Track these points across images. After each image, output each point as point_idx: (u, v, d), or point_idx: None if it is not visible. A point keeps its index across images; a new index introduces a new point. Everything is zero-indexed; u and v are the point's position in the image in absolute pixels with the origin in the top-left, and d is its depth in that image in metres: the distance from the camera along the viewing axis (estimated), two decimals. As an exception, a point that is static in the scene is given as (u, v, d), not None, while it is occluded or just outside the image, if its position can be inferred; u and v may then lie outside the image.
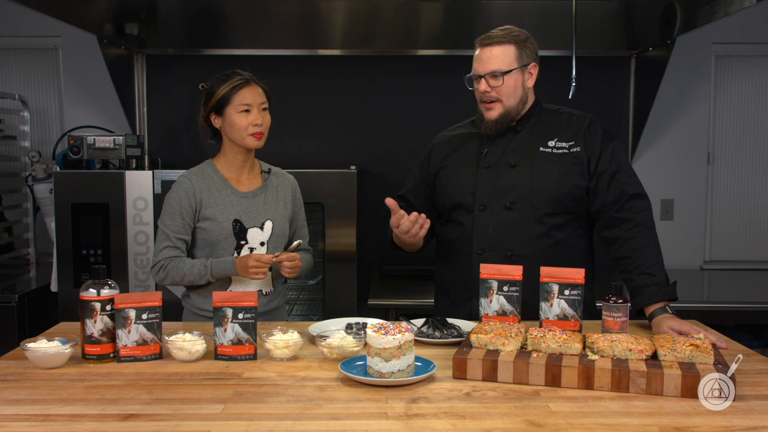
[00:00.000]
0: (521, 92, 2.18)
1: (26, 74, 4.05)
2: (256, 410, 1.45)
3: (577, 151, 2.17)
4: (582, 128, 2.20)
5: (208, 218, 2.19)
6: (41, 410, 1.45)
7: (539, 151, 2.18)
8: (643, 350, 1.63)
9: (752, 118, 4.07)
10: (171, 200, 2.21)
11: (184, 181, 2.22)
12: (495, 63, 2.14)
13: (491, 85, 2.15)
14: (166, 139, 3.93)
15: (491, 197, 2.18)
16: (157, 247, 2.20)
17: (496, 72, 2.14)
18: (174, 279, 2.18)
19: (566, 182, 2.15)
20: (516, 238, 2.15)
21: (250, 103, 2.16)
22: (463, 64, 2.32)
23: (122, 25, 3.47)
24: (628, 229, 2.11)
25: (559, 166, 2.16)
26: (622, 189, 2.14)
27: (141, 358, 1.80)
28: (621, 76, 3.95)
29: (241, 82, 2.16)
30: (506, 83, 2.14)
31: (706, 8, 3.06)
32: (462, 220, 2.23)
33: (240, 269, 2.13)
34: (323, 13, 3.34)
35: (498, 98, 2.16)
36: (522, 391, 1.56)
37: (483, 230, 2.18)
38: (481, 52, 2.17)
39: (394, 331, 1.60)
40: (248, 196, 2.24)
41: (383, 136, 3.90)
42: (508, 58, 2.14)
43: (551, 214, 2.15)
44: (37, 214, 3.88)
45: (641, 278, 2.03)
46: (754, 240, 4.12)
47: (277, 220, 2.25)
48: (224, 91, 2.15)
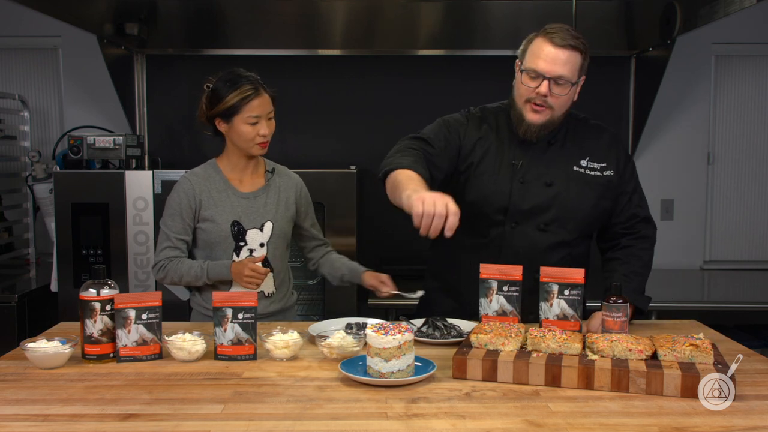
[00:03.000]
0: (569, 105, 2.06)
1: (26, 74, 4.05)
2: (255, 410, 1.45)
3: (610, 175, 2.11)
4: (611, 148, 2.15)
5: (207, 219, 2.19)
6: (41, 410, 1.45)
7: (573, 170, 2.09)
8: (643, 350, 1.63)
9: (752, 118, 4.07)
10: (172, 201, 2.22)
11: (184, 182, 2.22)
12: (565, 69, 1.96)
13: (554, 91, 1.98)
14: (166, 139, 3.93)
15: (525, 216, 2.07)
16: (159, 246, 2.21)
17: (563, 79, 1.97)
18: (173, 279, 2.19)
19: (600, 206, 2.11)
20: (544, 259, 2.05)
21: (259, 114, 2.14)
22: (463, 64, 2.31)
23: (122, 25, 3.47)
24: (629, 239, 2.14)
25: (594, 189, 2.10)
26: (635, 211, 2.15)
27: (141, 358, 1.80)
28: (621, 76, 3.95)
29: (251, 93, 2.13)
30: (567, 94, 1.99)
31: (706, 8, 3.06)
32: (487, 232, 2.10)
33: (235, 275, 2.13)
34: (323, 13, 3.34)
35: (552, 105, 2.00)
36: (522, 391, 1.56)
37: (513, 248, 2.08)
38: (550, 50, 1.96)
39: (394, 331, 1.60)
40: (249, 197, 2.24)
41: (383, 136, 3.86)
42: (575, 66, 1.98)
43: (578, 236, 2.13)
44: (37, 214, 3.88)
45: (619, 279, 2.02)
46: (754, 240, 4.12)
47: (277, 221, 2.25)
48: (234, 101, 2.13)
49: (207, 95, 2.19)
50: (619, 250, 2.15)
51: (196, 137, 3.90)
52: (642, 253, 2.13)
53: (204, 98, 2.21)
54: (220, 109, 2.15)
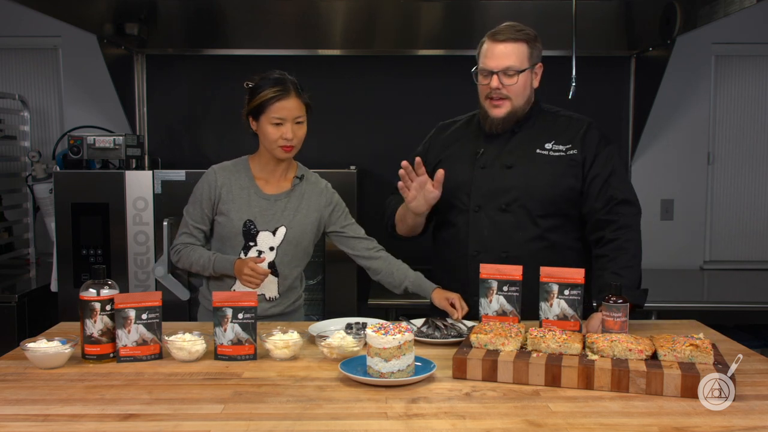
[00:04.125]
0: (529, 92, 2.18)
1: (26, 74, 4.05)
2: (255, 410, 1.45)
3: (573, 153, 2.16)
4: (580, 131, 2.19)
5: (223, 213, 2.21)
6: (41, 410, 1.45)
7: (536, 153, 2.18)
8: (643, 350, 1.63)
9: (752, 118, 4.07)
10: (196, 189, 2.28)
11: (210, 173, 2.26)
12: (509, 60, 2.11)
13: (504, 82, 2.12)
14: (166, 139, 3.93)
15: (486, 198, 2.17)
16: (179, 231, 2.28)
17: (510, 69, 2.11)
18: (184, 265, 2.26)
19: (560, 184, 2.15)
20: (510, 239, 2.15)
21: (283, 117, 2.13)
22: (463, 64, 2.31)
23: (122, 25, 3.46)
24: (612, 231, 2.11)
25: (555, 167, 2.15)
26: (612, 194, 2.13)
27: (141, 358, 1.80)
28: (621, 76, 3.95)
29: (279, 93, 2.12)
30: (519, 82, 2.13)
31: (706, 8, 3.06)
32: (456, 221, 2.22)
33: (236, 271, 2.14)
34: (323, 13, 3.34)
35: (508, 96, 2.14)
36: (522, 391, 1.56)
37: (478, 232, 2.17)
38: (493, 47, 2.13)
39: (394, 331, 1.60)
40: (270, 199, 2.24)
41: (383, 136, 3.90)
42: (522, 56, 2.12)
43: (545, 216, 2.15)
44: (37, 214, 3.87)
45: (610, 278, 2.01)
46: (754, 240, 4.12)
47: (292, 228, 2.23)
48: (261, 100, 2.13)
49: (248, 92, 2.20)
50: (604, 246, 2.12)
51: (196, 137, 3.90)
52: (628, 245, 2.10)
53: (246, 98, 2.21)
54: (252, 107, 2.17)
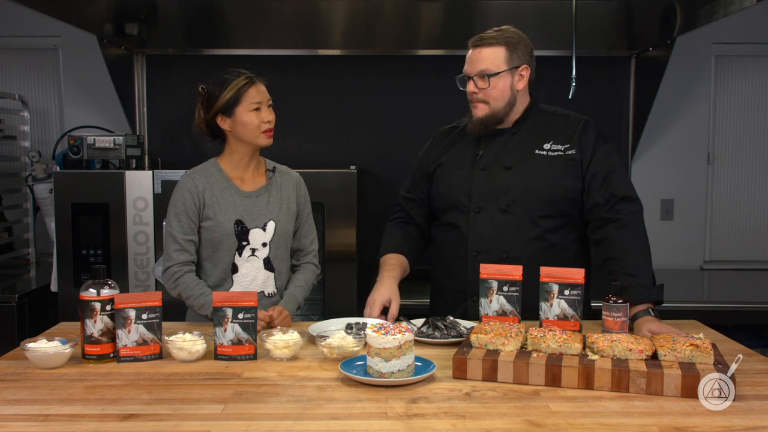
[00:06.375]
0: (509, 95, 2.18)
1: (26, 74, 4.05)
2: (256, 410, 1.45)
3: (572, 153, 2.16)
4: (577, 130, 2.19)
5: (210, 218, 2.18)
6: (41, 410, 1.45)
7: (535, 153, 2.18)
8: (643, 350, 1.63)
9: (752, 118, 4.07)
10: (176, 201, 2.19)
11: (187, 181, 2.21)
12: (483, 64, 2.15)
13: (479, 86, 2.16)
14: (166, 139, 3.93)
15: (486, 199, 2.18)
16: (166, 250, 2.17)
17: (483, 73, 2.14)
18: (179, 292, 2.16)
19: (560, 184, 2.15)
20: (511, 240, 2.15)
21: (260, 101, 2.15)
22: (463, 64, 2.32)
23: (122, 25, 3.46)
24: (616, 230, 2.10)
25: (554, 167, 2.16)
26: (612, 191, 2.12)
27: (141, 358, 1.80)
28: (621, 76, 3.94)
29: (248, 81, 2.15)
30: (493, 85, 2.15)
31: (706, 8, 3.06)
32: (457, 222, 2.23)
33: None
34: (323, 13, 3.34)
35: (485, 100, 2.17)
36: (522, 391, 1.56)
37: (478, 232, 2.18)
38: (471, 53, 2.18)
39: (394, 331, 1.60)
40: (251, 196, 2.23)
41: (383, 136, 3.90)
42: (497, 59, 2.14)
43: (546, 216, 2.15)
44: (37, 214, 3.87)
45: (625, 280, 1.99)
46: (754, 240, 4.12)
47: (280, 221, 2.24)
48: (232, 93, 2.13)
49: (202, 99, 2.20)
50: (610, 247, 2.10)
51: (196, 137, 3.89)
52: (634, 245, 2.09)
53: (199, 103, 2.21)
54: (220, 105, 2.15)
